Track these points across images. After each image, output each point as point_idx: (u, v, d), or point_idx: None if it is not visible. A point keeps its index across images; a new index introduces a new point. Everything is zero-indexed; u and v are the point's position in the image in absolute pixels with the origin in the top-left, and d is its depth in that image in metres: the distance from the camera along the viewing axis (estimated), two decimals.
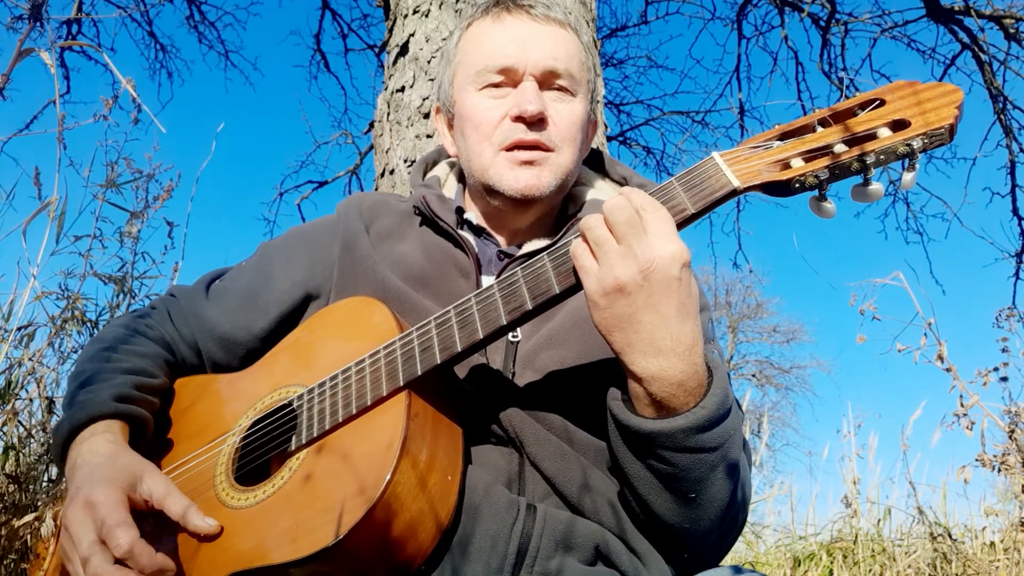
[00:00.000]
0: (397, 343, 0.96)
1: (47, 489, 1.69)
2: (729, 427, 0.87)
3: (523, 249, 1.17)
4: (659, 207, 0.85)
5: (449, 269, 1.15)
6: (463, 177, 1.28)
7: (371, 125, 3.06)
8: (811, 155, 0.86)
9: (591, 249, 0.85)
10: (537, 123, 1.10)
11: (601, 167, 1.32)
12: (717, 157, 0.90)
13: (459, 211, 1.21)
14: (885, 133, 0.84)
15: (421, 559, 0.88)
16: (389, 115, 2.60)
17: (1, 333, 1.82)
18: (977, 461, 2.44)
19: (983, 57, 5.36)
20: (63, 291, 1.96)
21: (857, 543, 2.99)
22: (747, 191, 0.87)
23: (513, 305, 0.91)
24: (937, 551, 2.59)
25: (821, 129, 0.89)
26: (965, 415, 2.41)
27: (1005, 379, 2.48)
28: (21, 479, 1.60)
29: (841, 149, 0.85)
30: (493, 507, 0.92)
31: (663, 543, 0.98)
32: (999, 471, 2.41)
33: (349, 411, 0.95)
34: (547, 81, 1.13)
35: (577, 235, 0.89)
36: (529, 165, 1.11)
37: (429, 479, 0.88)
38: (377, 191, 1.84)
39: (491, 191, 1.14)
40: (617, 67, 7.89)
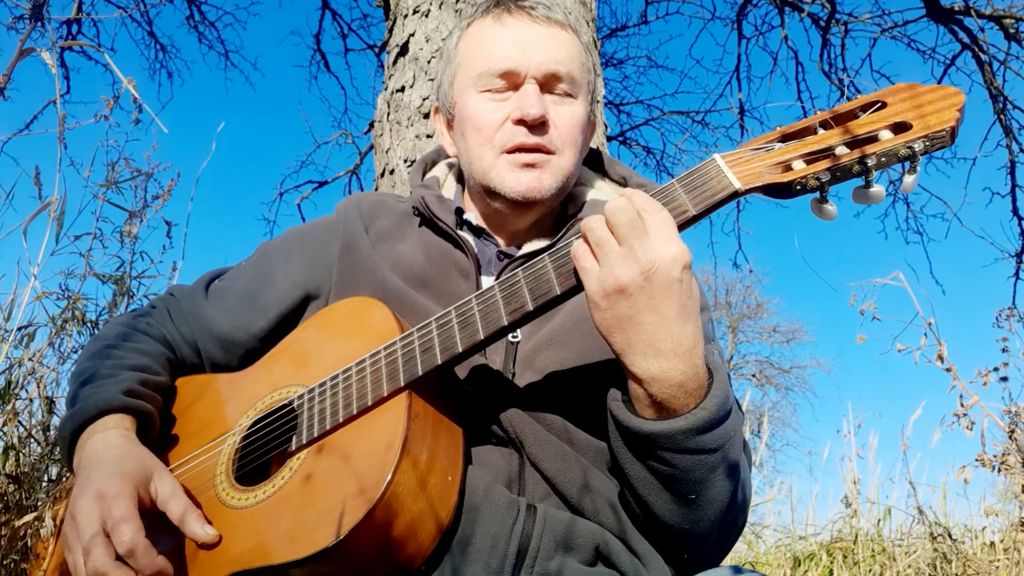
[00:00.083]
0: (398, 343, 0.96)
1: (47, 489, 1.69)
2: (729, 428, 0.87)
3: (523, 249, 1.16)
4: (661, 209, 0.85)
5: (449, 269, 1.15)
6: (462, 177, 1.28)
7: (371, 125, 3.06)
8: (812, 157, 0.86)
9: (592, 250, 0.85)
10: (539, 126, 1.10)
11: (600, 167, 1.32)
12: (718, 159, 0.90)
13: (458, 211, 1.21)
14: (886, 136, 0.84)
15: (421, 559, 0.88)
16: (389, 115, 2.59)
17: (1, 333, 1.81)
18: (977, 461, 2.44)
19: (983, 57, 5.36)
20: (63, 291, 1.96)
21: (857, 543, 2.99)
22: (748, 193, 0.87)
23: (514, 306, 0.91)
24: (937, 551, 2.59)
25: (822, 131, 0.89)
26: (965, 415, 2.41)
27: (1005, 379, 2.49)
28: (21, 479, 1.60)
29: (842, 151, 0.85)
30: (493, 507, 0.92)
31: (663, 544, 0.98)
32: (999, 471, 2.41)
33: (350, 411, 0.94)
34: (548, 84, 1.13)
35: (578, 236, 0.89)
36: (530, 168, 1.11)
37: (429, 479, 0.88)
38: (377, 191, 1.83)
39: (492, 193, 1.14)
40: (617, 67, 7.89)
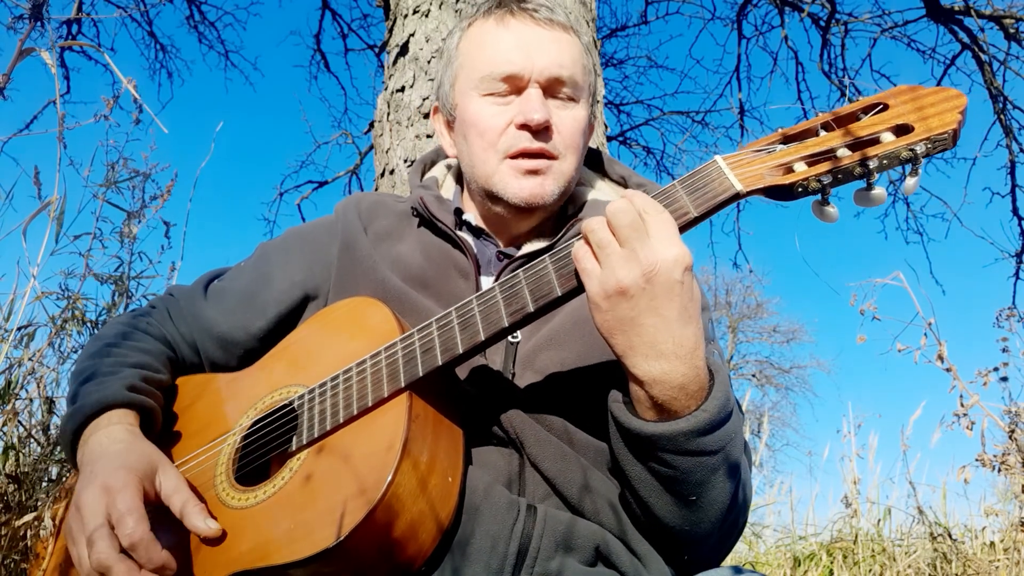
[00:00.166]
0: (398, 344, 0.96)
1: (47, 489, 1.69)
2: (730, 430, 0.87)
3: (522, 250, 1.16)
4: (662, 210, 0.85)
5: (448, 270, 1.14)
6: (461, 178, 1.27)
7: (371, 125, 3.06)
8: (814, 159, 0.86)
9: (593, 251, 0.85)
10: (542, 131, 1.10)
11: (600, 167, 1.32)
12: (720, 160, 0.90)
13: (457, 212, 1.21)
14: (888, 138, 0.84)
15: (422, 560, 0.88)
16: (389, 115, 2.59)
17: (1, 333, 1.81)
18: (977, 461, 2.45)
19: (983, 57, 5.36)
20: (63, 291, 1.96)
21: (857, 543, 2.99)
22: (750, 195, 0.87)
23: (515, 307, 0.91)
24: (937, 551, 2.59)
25: (824, 133, 0.88)
26: (965, 415, 2.41)
27: (1005, 379, 2.49)
28: (21, 479, 1.60)
29: (844, 153, 0.85)
30: (493, 508, 0.92)
31: (663, 544, 0.98)
32: (999, 471, 2.42)
33: (350, 412, 0.94)
34: (551, 88, 1.12)
35: (579, 237, 0.89)
36: (534, 174, 1.10)
37: (430, 480, 0.88)
38: (377, 191, 1.83)
39: (494, 198, 1.14)
40: (617, 67, 7.89)
